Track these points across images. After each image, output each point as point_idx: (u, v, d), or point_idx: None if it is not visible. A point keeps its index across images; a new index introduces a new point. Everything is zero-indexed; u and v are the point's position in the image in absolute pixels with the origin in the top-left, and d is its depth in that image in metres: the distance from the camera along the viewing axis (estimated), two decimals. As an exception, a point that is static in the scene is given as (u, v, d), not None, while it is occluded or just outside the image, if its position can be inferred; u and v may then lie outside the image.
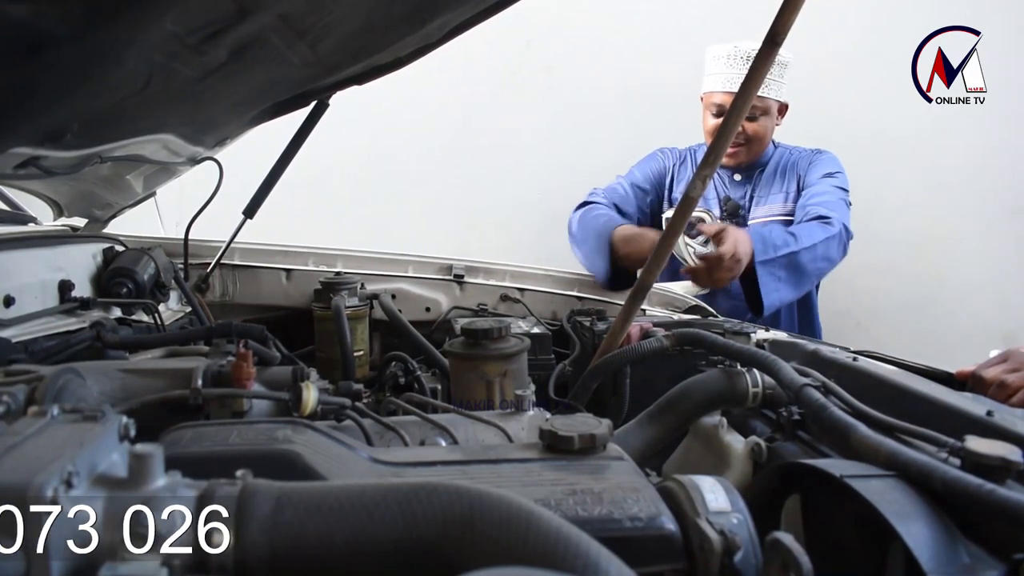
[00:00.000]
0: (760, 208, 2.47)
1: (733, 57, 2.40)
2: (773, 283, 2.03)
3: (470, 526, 0.47)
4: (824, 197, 2.33)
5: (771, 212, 2.46)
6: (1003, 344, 1.33)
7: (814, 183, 2.41)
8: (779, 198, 2.46)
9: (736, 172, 2.51)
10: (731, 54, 2.40)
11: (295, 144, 1.69)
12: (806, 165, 2.48)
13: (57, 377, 0.76)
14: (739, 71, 2.36)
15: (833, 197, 2.33)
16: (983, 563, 0.58)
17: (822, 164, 2.46)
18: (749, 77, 1.12)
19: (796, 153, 2.54)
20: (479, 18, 1.39)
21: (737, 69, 2.37)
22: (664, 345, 1.19)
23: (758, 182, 2.49)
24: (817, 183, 2.40)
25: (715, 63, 2.45)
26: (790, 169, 2.49)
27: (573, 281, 1.88)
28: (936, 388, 0.93)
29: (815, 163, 2.47)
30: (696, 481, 0.61)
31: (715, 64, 2.45)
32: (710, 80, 2.46)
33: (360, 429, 0.83)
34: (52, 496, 0.41)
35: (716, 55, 2.44)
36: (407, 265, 1.85)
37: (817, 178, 2.42)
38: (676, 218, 1.24)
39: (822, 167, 2.45)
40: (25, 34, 0.70)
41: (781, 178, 2.49)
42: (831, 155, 2.51)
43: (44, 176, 1.22)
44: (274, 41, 1.05)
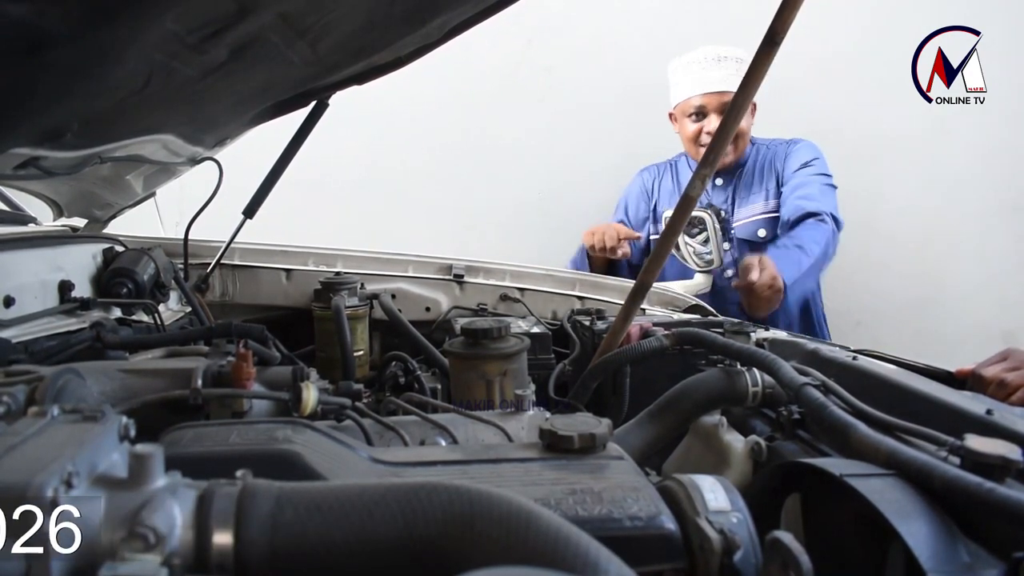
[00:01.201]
0: (743, 209, 2.48)
1: (703, 61, 2.42)
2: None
3: (470, 525, 0.47)
4: (808, 189, 2.35)
5: (753, 212, 2.47)
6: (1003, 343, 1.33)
7: (792, 175, 2.42)
8: (760, 197, 2.48)
9: (717, 176, 2.52)
10: (700, 59, 2.43)
11: (295, 144, 1.69)
12: (783, 158, 2.49)
13: (57, 377, 0.76)
14: (714, 72, 2.38)
15: (816, 188, 2.36)
16: (983, 562, 0.58)
17: (798, 154, 2.48)
18: (749, 76, 1.12)
19: (772, 147, 2.55)
20: (479, 17, 1.39)
21: (711, 71, 2.39)
22: (664, 344, 1.18)
23: (738, 184, 2.51)
24: (796, 175, 2.41)
25: (684, 71, 2.47)
26: (768, 166, 2.51)
27: (573, 281, 1.88)
28: (936, 387, 0.93)
29: (791, 154, 2.49)
30: (696, 480, 0.61)
31: (685, 72, 2.47)
32: (681, 88, 2.49)
33: (360, 429, 0.83)
34: (52, 496, 0.41)
35: (685, 63, 2.48)
36: (407, 265, 1.85)
37: (794, 169, 2.44)
38: (676, 218, 1.24)
39: (798, 157, 2.47)
40: (25, 34, 0.70)
41: (760, 176, 2.51)
42: (807, 143, 2.53)
43: (44, 176, 1.22)
44: (274, 40, 1.05)
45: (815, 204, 2.29)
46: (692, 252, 2.28)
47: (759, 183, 2.49)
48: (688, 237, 2.26)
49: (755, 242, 2.40)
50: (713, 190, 2.53)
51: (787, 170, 2.45)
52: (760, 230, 2.45)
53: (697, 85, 2.42)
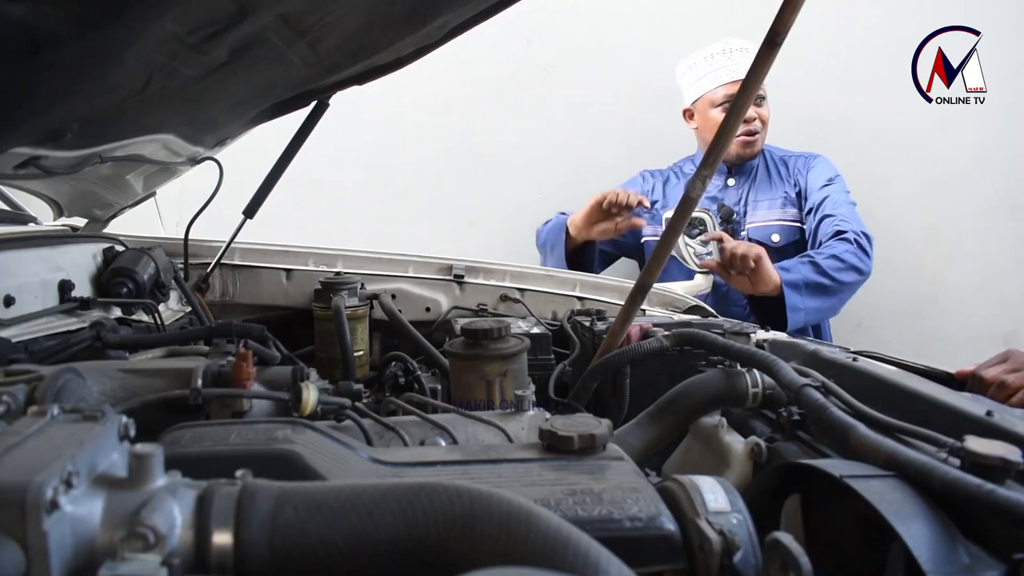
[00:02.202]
0: (757, 213, 2.48)
1: (727, 52, 2.42)
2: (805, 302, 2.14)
3: (470, 526, 0.47)
4: (840, 210, 2.36)
5: (768, 218, 2.48)
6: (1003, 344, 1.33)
7: (817, 190, 2.43)
8: (777, 203, 2.48)
9: (730, 176, 2.52)
10: (723, 50, 2.43)
11: (295, 144, 1.69)
12: (803, 170, 2.49)
13: (57, 377, 0.75)
14: (740, 61, 2.37)
15: (845, 207, 2.37)
16: (983, 563, 0.58)
17: (820, 168, 2.49)
18: (748, 79, 1.12)
19: (785, 155, 2.55)
20: (480, 18, 1.39)
21: (737, 60, 2.39)
22: (664, 345, 1.18)
23: (753, 184, 2.51)
24: (821, 191, 2.42)
25: (707, 63, 2.47)
26: (783, 172, 2.50)
27: (573, 282, 1.88)
28: (936, 388, 0.93)
29: (813, 169, 2.49)
30: (696, 481, 0.61)
31: (709, 63, 2.47)
32: (705, 81, 2.47)
33: (360, 429, 0.83)
34: (52, 496, 0.41)
35: (706, 55, 2.48)
36: (407, 265, 1.85)
37: (820, 186, 2.44)
38: (676, 218, 1.24)
39: (821, 172, 2.48)
40: (25, 34, 0.70)
41: (775, 182, 2.50)
42: (824, 158, 2.55)
43: (44, 176, 1.22)
44: (274, 41, 1.05)
45: (846, 223, 2.30)
46: (692, 253, 2.28)
47: (774, 189, 2.49)
48: (688, 238, 2.26)
49: (769, 246, 2.39)
50: (725, 189, 2.53)
51: (811, 185, 2.46)
52: (775, 235, 2.46)
53: (723, 74, 2.42)
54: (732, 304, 2.41)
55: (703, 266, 2.21)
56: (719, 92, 2.44)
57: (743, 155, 2.49)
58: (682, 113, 2.62)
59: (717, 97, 2.45)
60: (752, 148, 2.47)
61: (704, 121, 2.52)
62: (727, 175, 2.54)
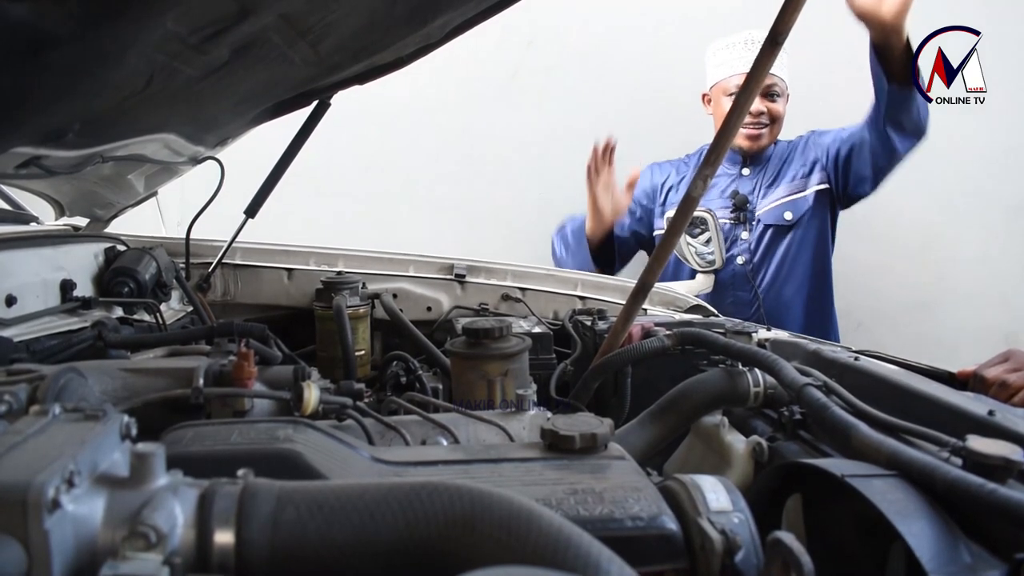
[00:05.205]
0: (767, 198, 2.50)
1: (747, 43, 2.44)
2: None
3: (471, 526, 0.47)
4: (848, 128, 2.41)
5: (777, 196, 2.50)
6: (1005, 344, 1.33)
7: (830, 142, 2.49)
8: (785, 181, 2.50)
9: (744, 166, 2.53)
10: (744, 40, 2.45)
11: (296, 143, 1.69)
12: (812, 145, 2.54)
13: (59, 376, 0.75)
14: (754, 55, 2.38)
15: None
16: (984, 563, 0.58)
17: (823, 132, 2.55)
18: (750, 76, 1.12)
19: (794, 142, 2.58)
20: (481, 18, 1.39)
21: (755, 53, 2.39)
22: (665, 345, 1.18)
23: (766, 172, 2.52)
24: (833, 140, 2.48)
25: (728, 50, 2.49)
26: (794, 156, 2.53)
27: (574, 281, 1.88)
28: (938, 388, 0.93)
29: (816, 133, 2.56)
30: (697, 481, 0.61)
31: (729, 51, 2.48)
32: (722, 68, 2.50)
33: (361, 428, 0.83)
34: (54, 495, 0.41)
35: (728, 43, 2.49)
36: (408, 265, 1.85)
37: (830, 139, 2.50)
38: (677, 218, 1.24)
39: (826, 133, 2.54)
40: (26, 34, 0.70)
41: (786, 166, 2.53)
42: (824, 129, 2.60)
43: (46, 176, 1.22)
44: (275, 40, 1.05)
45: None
46: (694, 252, 2.28)
47: (784, 172, 2.51)
48: (690, 237, 2.26)
49: (782, 225, 2.45)
50: (740, 179, 2.53)
51: (822, 143, 2.50)
52: (787, 213, 2.48)
53: (739, 65, 2.43)
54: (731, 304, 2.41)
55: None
56: (732, 81, 2.45)
57: (747, 148, 2.49)
58: (701, 98, 2.63)
59: (730, 86, 2.46)
60: (758, 142, 2.48)
61: (717, 108, 2.54)
62: (741, 164, 2.54)
